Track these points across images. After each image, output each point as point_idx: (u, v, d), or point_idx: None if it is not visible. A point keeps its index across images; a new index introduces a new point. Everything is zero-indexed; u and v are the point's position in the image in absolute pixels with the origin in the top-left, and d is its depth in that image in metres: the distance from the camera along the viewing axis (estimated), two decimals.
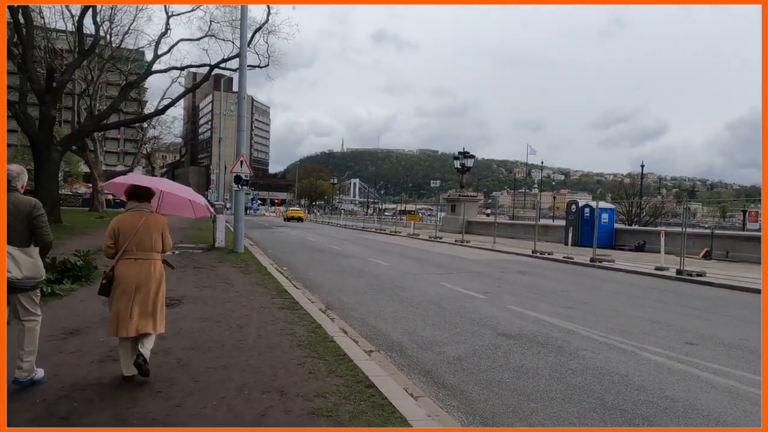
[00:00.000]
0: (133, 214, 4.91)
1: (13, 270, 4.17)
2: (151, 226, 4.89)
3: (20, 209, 4.29)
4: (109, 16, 40.70)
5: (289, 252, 20.78)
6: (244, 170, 17.33)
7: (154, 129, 65.38)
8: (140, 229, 4.81)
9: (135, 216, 4.88)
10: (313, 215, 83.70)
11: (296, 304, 8.78)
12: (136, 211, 4.92)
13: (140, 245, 4.80)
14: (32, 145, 25.90)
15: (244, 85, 17.90)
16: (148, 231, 4.85)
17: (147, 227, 4.85)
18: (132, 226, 4.81)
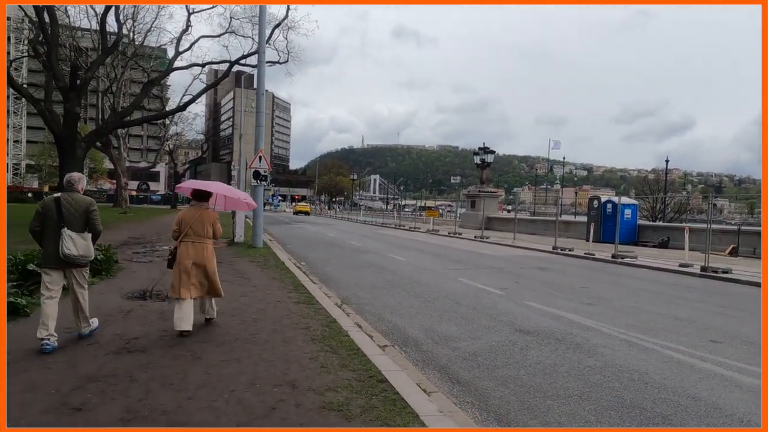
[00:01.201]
0: (194, 208, 6.54)
1: (72, 249, 5.47)
2: (205, 219, 6.46)
3: (80, 205, 5.64)
4: (131, 14, 41.33)
5: (308, 247, 20.83)
6: (263, 166, 17.39)
7: (176, 126, 66.19)
8: (197, 220, 6.41)
9: (194, 210, 6.51)
10: (333, 211, 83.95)
11: (312, 298, 8.77)
12: (196, 207, 6.55)
13: (196, 232, 6.39)
14: (57, 142, 26.34)
15: (262, 80, 17.95)
16: (202, 222, 6.42)
17: (202, 219, 6.43)
18: (191, 217, 6.42)
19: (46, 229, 5.53)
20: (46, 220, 5.54)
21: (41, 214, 5.56)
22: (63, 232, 5.43)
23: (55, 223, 5.48)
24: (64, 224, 5.47)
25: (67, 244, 5.41)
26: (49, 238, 5.51)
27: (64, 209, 5.53)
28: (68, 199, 5.60)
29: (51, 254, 5.50)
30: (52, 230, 5.49)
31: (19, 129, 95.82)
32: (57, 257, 5.46)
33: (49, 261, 5.55)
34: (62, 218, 5.49)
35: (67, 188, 5.75)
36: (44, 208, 5.56)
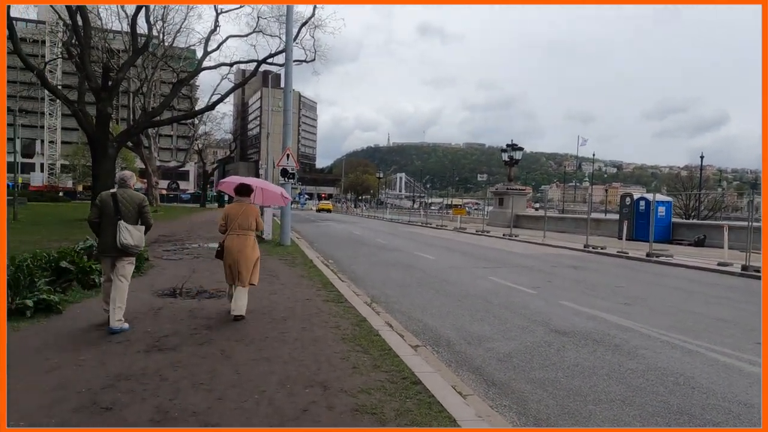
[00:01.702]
0: (238, 204, 7.11)
1: (129, 239, 6.05)
2: (249, 213, 7.04)
3: (134, 200, 6.23)
4: (161, 15, 41.89)
5: (335, 245, 20.78)
6: (291, 163, 17.39)
7: (204, 125, 67.11)
8: (241, 215, 6.98)
9: (239, 205, 7.08)
10: (359, 209, 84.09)
11: (341, 296, 8.66)
12: (239, 202, 7.12)
13: (241, 225, 6.95)
14: (90, 142, 26.85)
15: (290, 79, 17.94)
16: (246, 216, 7.00)
17: (246, 213, 7.01)
18: (236, 212, 7.00)
19: (104, 221, 6.13)
20: (103, 213, 6.14)
21: (99, 207, 6.19)
22: (120, 224, 6.03)
23: (112, 216, 6.06)
24: (121, 217, 6.06)
25: (124, 235, 6.01)
26: (106, 229, 6.10)
27: (120, 203, 6.11)
28: (123, 195, 6.20)
29: (108, 244, 6.09)
30: (109, 222, 6.07)
31: (54, 130, 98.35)
32: (114, 246, 6.04)
33: (105, 250, 6.17)
34: (119, 211, 6.07)
35: (120, 185, 6.37)
36: (102, 203, 6.18)
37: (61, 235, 18.23)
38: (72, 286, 7.98)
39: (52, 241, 16.29)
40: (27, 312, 6.24)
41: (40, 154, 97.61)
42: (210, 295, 8.49)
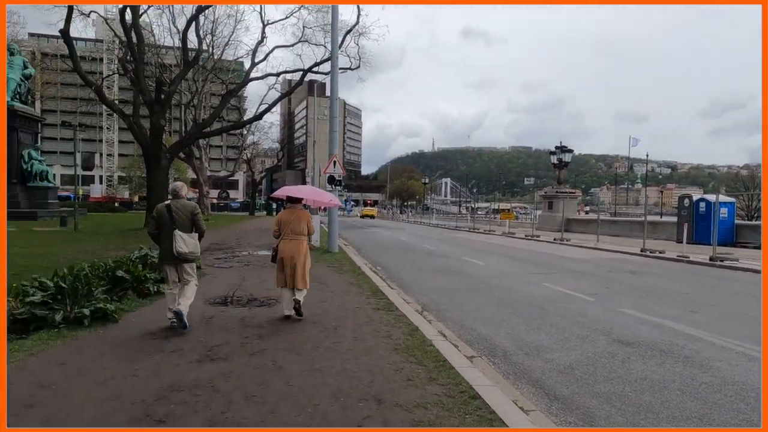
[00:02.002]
0: (290, 210, 7.50)
1: (184, 247, 6.44)
2: (301, 218, 7.42)
3: (187, 209, 6.61)
4: (210, 29, 43.14)
5: (382, 252, 20.67)
6: (337, 171, 17.41)
7: (252, 135, 68.49)
8: (293, 220, 7.34)
9: (291, 212, 7.47)
10: (405, 215, 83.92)
11: (391, 304, 8.50)
12: (291, 209, 7.51)
13: (294, 230, 7.30)
14: (144, 154, 27.76)
15: (336, 86, 17.99)
16: (298, 221, 7.36)
17: (298, 219, 7.38)
18: (289, 218, 7.38)
19: (162, 232, 6.56)
20: (161, 224, 6.57)
21: (156, 219, 6.61)
22: (175, 234, 6.42)
23: (168, 226, 6.48)
24: (176, 226, 6.46)
25: (179, 244, 6.40)
26: (164, 239, 6.53)
27: (174, 214, 6.50)
28: (177, 205, 6.57)
29: (167, 252, 6.51)
30: (167, 232, 6.49)
31: (111, 143, 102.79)
32: (172, 255, 6.45)
33: (166, 258, 6.60)
34: (174, 221, 6.47)
35: (173, 196, 6.77)
36: (158, 214, 6.59)
37: (118, 244, 18.83)
38: (127, 295, 8.12)
39: (109, 249, 16.83)
40: (84, 321, 6.35)
41: (99, 166, 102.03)
42: (260, 303, 8.48)
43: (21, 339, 5.83)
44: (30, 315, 6.21)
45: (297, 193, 7.76)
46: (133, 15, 26.26)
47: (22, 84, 39.48)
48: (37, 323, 6.22)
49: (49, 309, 6.28)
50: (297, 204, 7.61)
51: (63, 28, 23.95)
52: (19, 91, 38.96)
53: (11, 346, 5.52)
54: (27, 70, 40.65)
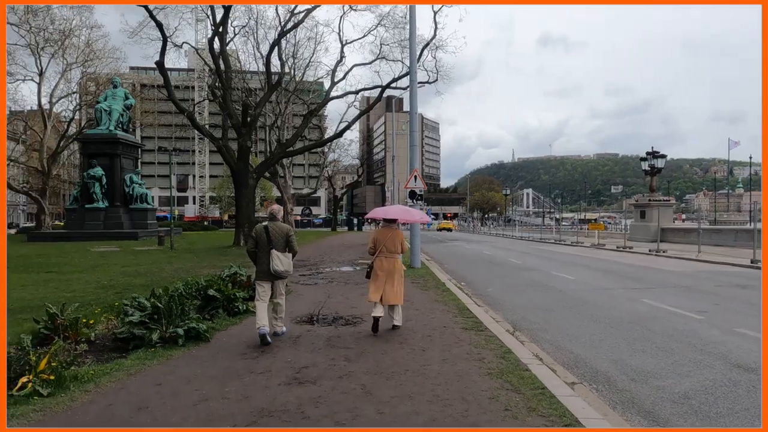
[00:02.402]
0: (386, 229, 7.88)
1: (279, 265, 6.92)
2: (396, 237, 7.75)
3: (282, 230, 7.11)
4: (292, 52, 44.72)
5: (467, 266, 20.22)
6: (419, 185, 17.24)
7: (333, 153, 70.00)
8: (389, 239, 7.68)
9: (387, 230, 7.84)
10: (486, 227, 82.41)
11: (480, 324, 8.13)
12: (387, 228, 7.88)
13: (389, 249, 7.65)
14: (232, 174, 28.98)
15: (415, 100, 17.91)
16: (393, 240, 7.70)
17: (392, 238, 7.72)
18: (384, 236, 7.72)
19: (259, 251, 7.04)
20: (258, 244, 7.06)
21: (255, 238, 7.12)
22: (272, 253, 6.90)
23: (265, 246, 6.97)
24: (272, 246, 6.93)
25: (275, 262, 6.87)
26: (262, 258, 7.01)
27: (271, 234, 7.00)
28: (273, 227, 7.09)
29: (264, 270, 6.99)
30: (264, 251, 6.99)
31: (203, 165, 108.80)
32: (268, 272, 6.94)
33: (262, 275, 7.05)
34: (271, 242, 6.95)
35: (270, 218, 7.28)
36: (257, 234, 7.11)
37: (210, 262, 19.63)
38: (218, 314, 8.30)
39: (202, 267, 17.56)
40: (179, 340, 6.50)
41: (192, 187, 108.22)
42: (346, 321, 8.40)
43: (121, 358, 6.04)
44: (129, 334, 6.45)
45: (390, 215, 8.17)
46: (221, 43, 27.64)
47: (124, 114, 42.66)
48: (136, 342, 6.44)
49: (146, 328, 6.49)
50: (392, 224, 7.98)
51: (158, 60, 25.60)
52: (121, 121, 42.11)
53: (112, 365, 5.73)
54: (128, 101, 43.91)
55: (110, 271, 16.75)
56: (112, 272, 16.35)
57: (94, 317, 8.18)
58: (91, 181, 38.80)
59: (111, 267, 18.03)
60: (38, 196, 50.86)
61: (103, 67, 51.95)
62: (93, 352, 6.44)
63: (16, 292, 12.06)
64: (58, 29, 46.15)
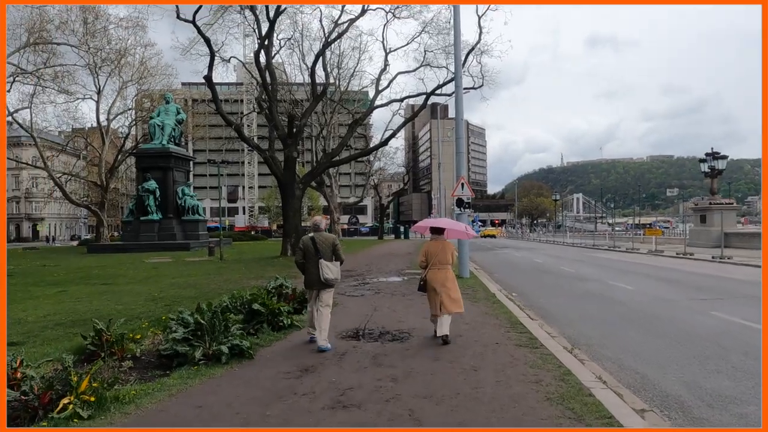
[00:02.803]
0: (436, 241, 7.92)
1: (329, 274, 7.21)
2: (447, 249, 7.84)
3: (328, 241, 7.38)
4: (337, 63, 45.08)
5: (516, 275, 19.57)
6: (466, 193, 16.79)
7: (379, 161, 70.18)
8: (440, 251, 7.77)
9: (437, 243, 7.89)
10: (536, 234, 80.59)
11: (535, 340, 7.66)
12: (437, 240, 7.93)
13: (441, 261, 7.73)
14: (279, 185, 29.25)
15: (461, 106, 17.52)
16: (444, 252, 7.79)
17: (444, 250, 7.81)
18: (435, 248, 7.80)
19: (308, 261, 7.32)
20: (306, 255, 7.33)
21: (303, 250, 7.40)
22: (321, 263, 7.18)
23: (313, 256, 7.26)
24: (320, 256, 7.21)
25: (324, 271, 7.16)
26: (310, 267, 7.29)
27: (318, 245, 7.28)
28: (319, 238, 7.35)
29: (313, 279, 7.30)
30: (312, 261, 7.27)
31: (252, 176, 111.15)
32: (318, 281, 7.24)
33: (311, 284, 7.38)
34: (318, 252, 7.24)
35: (315, 230, 7.53)
36: (305, 246, 7.38)
37: (257, 273, 19.73)
38: (262, 328, 8.14)
39: (250, 278, 17.64)
40: (222, 358, 6.34)
41: (242, 198, 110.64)
42: (393, 337, 8.08)
43: (164, 377, 5.92)
44: (173, 351, 6.34)
45: (439, 224, 8.31)
46: (266, 56, 28.02)
47: (176, 128, 43.98)
48: (180, 359, 6.33)
49: (189, 345, 6.37)
50: (441, 235, 8.06)
51: (206, 74, 26.15)
52: (173, 135, 43.41)
53: (154, 385, 5.60)
54: (179, 116, 45.25)
55: (161, 282, 17.02)
56: (162, 284, 16.60)
57: (141, 332, 8.18)
58: (146, 194, 40.07)
59: (162, 278, 18.35)
60: (97, 209, 52.98)
61: (156, 83, 53.85)
62: (138, 369, 6.36)
63: (72, 305, 12.34)
64: (114, 49, 48.09)
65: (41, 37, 39.67)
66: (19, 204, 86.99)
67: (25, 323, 9.97)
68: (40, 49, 40.64)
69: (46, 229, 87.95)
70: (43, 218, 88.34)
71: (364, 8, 29.59)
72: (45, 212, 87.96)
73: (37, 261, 30.52)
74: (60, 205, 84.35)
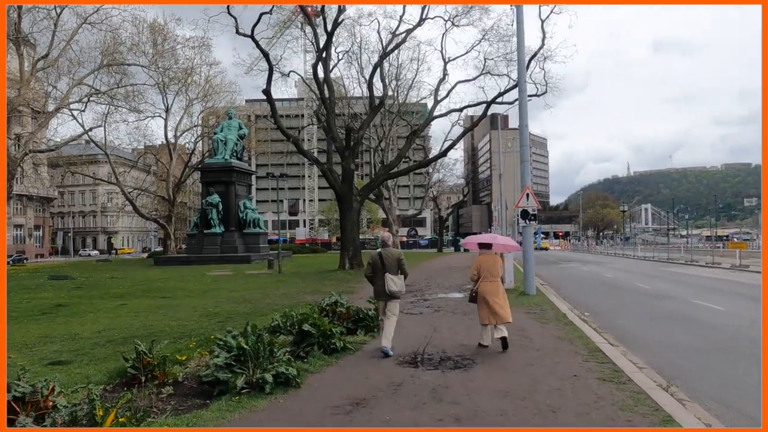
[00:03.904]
0: (486, 255, 8.48)
1: (394, 287, 7.75)
2: (496, 263, 8.39)
3: (394, 256, 7.95)
4: (395, 74, 44.77)
5: (586, 292, 18.23)
6: (531, 204, 15.74)
7: (438, 173, 69.27)
8: (490, 264, 8.31)
9: (488, 257, 8.46)
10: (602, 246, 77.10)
11: (620, 373, 6.63)
12: (487, 254, 8.51)
13: (491, 273, 8.24)
14: (337, 197, 28.98)
15: (525, 112, 16.52)
16: (494, 265, 8.33)
17: (493, 263, 8.35)
18: (486, 262, 8.34)
19: (376, 274, 7.93)
20: (374, 269, 7.96)
21: (371, 264, 8.04)
22: (386, 276, 7.75)
23: (380, 270, 7.86)
24: (386, 270, 7.79)
25: (390, 284, 7.73)
26: (378, 280, 7.89)
27: (385, 260, 7.87)
28: (386, 253, 7.96)
29: (380, 291, 7.89)
30: (379, 275, 7.87)
31: (312, 190, 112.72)
32: (384, 293, 7.81)
33: (379, 295, 7.98)
34: (385, 266, 7.83)
35: (382, 245, 8.26)
36: (372, 260, 8.02)
37: (314, 286, 19.34)
38: (313, 351, 7.54)
39: (306, 293, 17.24)
40: (266, 387, 5.75)
41: (303, 211, 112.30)
42: (455, 363, 7.28)
43: (202, 408, 5.39)
44: (214, 378, 5.81)
45: (485, 240, 8.95)
46: (324, 68, 27.94)
47: (238, 143, 44.85)
48: (221, 387, 5.79)
49: (231, 372, 5.82)
50: (489, 249, 8.64)
51: (265, 88, 26.30)
52: (236, 150, 44.27)
53: (190, 417, 5.07)
54: (242, 131, 46.17)
55: (218, 296, 16.88)
56: (219, 298, 16.45)
57: (187, 352, 7.77)
58: (209, 207, 40.91)
59: (220, 292, 18.26)
60: (165, 222, 54.83)
61: (221, 100, 55.44)
62: (177, 396, 5.88)
63: (129, 319, 12.25)
64: (181, 68, 49.82)
65: (114, 59, 41.49)
66: (96, 218, 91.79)
67: (79, 339, 9.84)
68: (113, 71, 42.50)
69: (120, 242, 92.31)
70: (117, 231, 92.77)
71: (422, 17, 29.05)
72: (118, 226, 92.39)
73: (107, 273, 31.57)
74: (131, 219, 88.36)
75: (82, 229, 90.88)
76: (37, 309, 14.85)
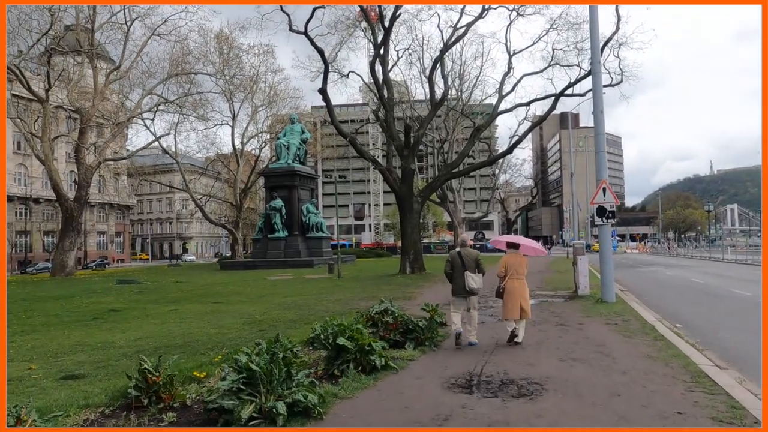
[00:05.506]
0: (514, 255, 8.98)
1: (473, 284, 8.39)
2: (522, 262, 8.89)
3: (472, 255, 8.62)
4: (458, 72, 43.28)
5: (675, 299, 16.14)
6: (609, 199, 13.94)
7: (505, 174, 66.89)
8: (517, 263, 8.79)
9: (514, 256, 8.94)
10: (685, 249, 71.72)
11: (741, 409, 5.02)
12: (514, 254, 9.00)
13: (518, 272, 8.72)
14: (397, 199, 27.87)
15: (599, 98, 14.75)
16: (520, 264, 8.82)
17: (520, 262, 8.84)
18: (514, 261, 8.80)
19: (455, 272, 8.50)
20: (454, 266, 8.53)
21: (450, 262, 8.64)
22: (466, 274, 8.34)
23: (459, 268, 8.45)
24: (466, 268, 8.38)
25: (469, 281, 8.32)
26: (457, 278, 8.48)
27: (464, 259, 8.45)
28: (465, 252, 8.57)
29: (459, 288, 8.48)
30: (458, 273, 8.46)
31: (377, 194, 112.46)
32: (463, 289, 8.40)
33: (458, 292, 8.53)
34: (464, 264, 8.41)
35: (461, 245, 8.87)
36: (452, 259, 8.64)
37: (371, 292, 18.31)
38: (348, 369, 6.42)
39: (361, 298, 16.24)
40: (278, 420, 4.65)
41: (369, 215, 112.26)
42: (519, 389, 5.91)
43: None
44: (218, 406, 4.79)
45: (514, 240, 9.55)
46: (382, 65, 26.98)
47: (301, 147, 44.78)
48: (226, 416, 4.77)
49: (238, 399, 4.78)
50: (517, 250, 9.07)
51: (320, 87, 25.64)
52: (298, 154, 44.22)
53: None
54: (304, 135, 46.12)
55: (270, 302, 16.20)
56: (271, 303, 15.75)
57: (209, 368, 6.87)
58: (273, 212, 40.97)
59: (274, 297, 17.60)
60: (232, 227, 55.78)
61: (285, 106, 55.90)
62: (179, 424, 4.92)
63: (172, 326, 11.65)
64: (246, 76, 50.52)
65: (182, 68, 42.48)
66: (171, 224, 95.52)
67: (111, 348, 9.24)
68: (182, 80, 43.54)
69: (194, 247, 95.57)
70: (191, 237, 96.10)
71: (484, 8, 27.49)
72: (192, 231, 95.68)
73: (173, 277, 31.99)
74: (202, 225, 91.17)
75: (159, 235, 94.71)
76: (91, 314, 14.64)
